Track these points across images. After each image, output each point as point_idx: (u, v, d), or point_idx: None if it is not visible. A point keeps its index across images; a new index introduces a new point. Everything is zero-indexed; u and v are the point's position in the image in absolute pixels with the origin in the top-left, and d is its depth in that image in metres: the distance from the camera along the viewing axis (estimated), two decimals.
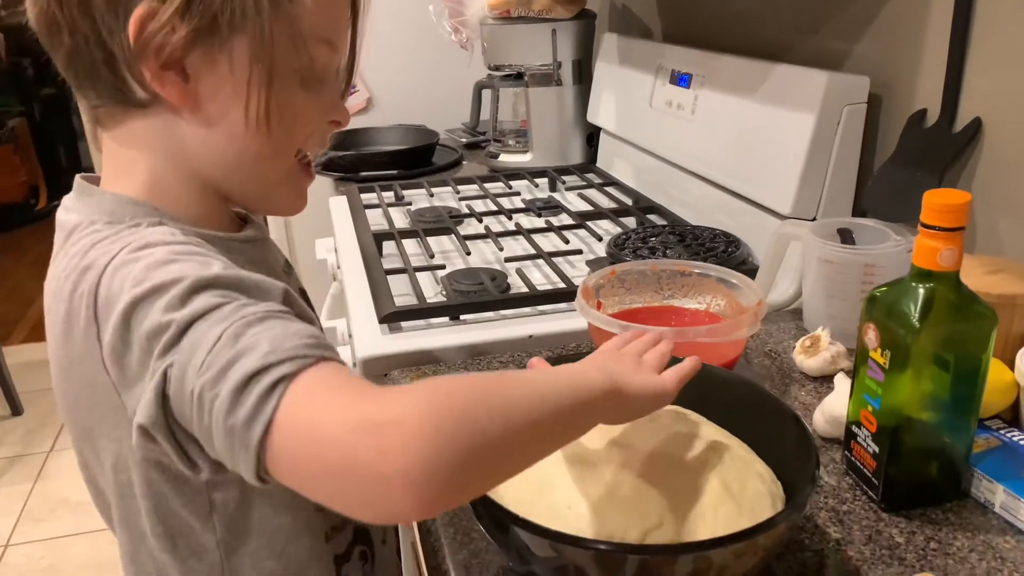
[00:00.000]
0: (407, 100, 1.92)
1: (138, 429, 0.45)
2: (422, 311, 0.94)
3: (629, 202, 1.35)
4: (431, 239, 1.19)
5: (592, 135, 1.62)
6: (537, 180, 1.51)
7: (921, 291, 0.59)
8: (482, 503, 0.50)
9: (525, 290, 0.99)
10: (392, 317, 0.92)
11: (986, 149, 0.84)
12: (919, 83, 0.92)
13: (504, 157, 1.64)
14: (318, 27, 0.54)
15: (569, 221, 1.25)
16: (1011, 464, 0.63)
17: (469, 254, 1.12)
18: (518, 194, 1.44)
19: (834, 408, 0.70)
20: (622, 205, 1.34)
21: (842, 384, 0.72)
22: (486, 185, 1.46)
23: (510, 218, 1.27)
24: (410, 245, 1.16)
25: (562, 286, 1.00)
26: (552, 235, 1.20)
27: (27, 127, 4.12)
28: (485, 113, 1.72)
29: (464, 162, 1.70)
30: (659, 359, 0.56)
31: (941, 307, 0.58)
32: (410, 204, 1.38)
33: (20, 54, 3.94)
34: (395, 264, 1.07)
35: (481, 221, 1.26)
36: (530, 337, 0.90)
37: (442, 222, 1.25)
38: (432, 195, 1.43)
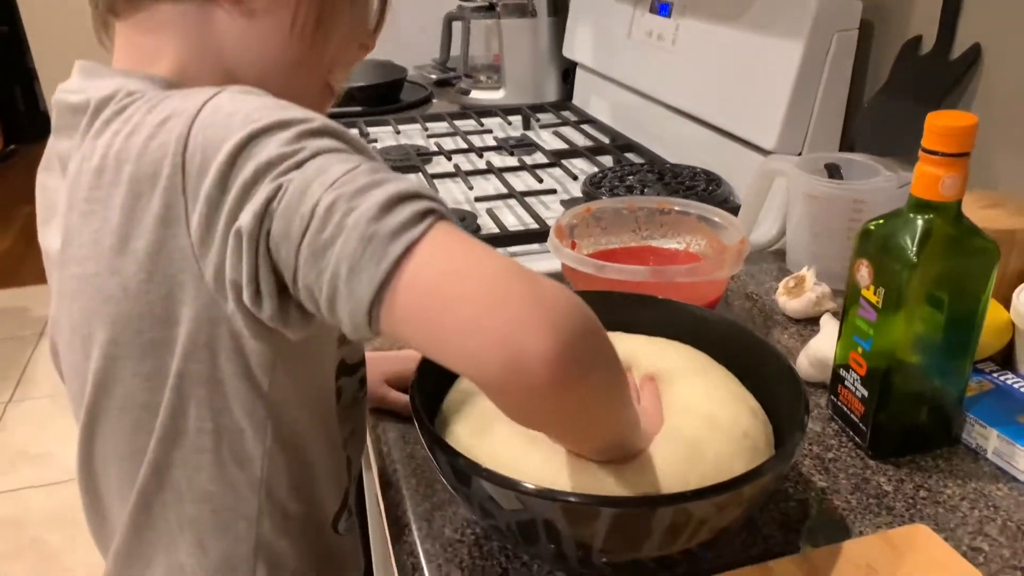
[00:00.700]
0: None
1: (235, 234, 0.40)
2: None
3: (606, 140, 1.30)
4: None
5: (568, 71, 1.55)
6: (510, 118, 1.44)
7: (919, 223, 0.54)
8: (442, 451, 0.45)
9: (496, 231, 0.94)
10: None
11: (985, 77, 0.79)
12: (914, 7, 0.86)
13: (476, 94, 1.57)
14: None
15: (543, 160, 1.20)
16: (1004, 408, 0.60)
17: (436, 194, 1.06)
18: (490, 132, 1.38)
19: (820, 350, 0.66)
20: (598, 143, 1.29)
21: (829, 326, 0.68)
22: (456, 123, 1.40)
23: (481, 156, 1.22)
24: None
25: (535, 227, 0.95)
26: (525, 174, 1.14)
27: None
28: (456, 48, 1.64)
29: (434, 100, 1.63)
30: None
31: (941, 241, 0.54)
32: (375, 142, 1.32)
33: None
34: None
35: (450, 159, 1.20)
36: None
37: (408, 160, 1.19)
38: (399, 132, 1.37)
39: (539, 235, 0.93)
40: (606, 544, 0.44)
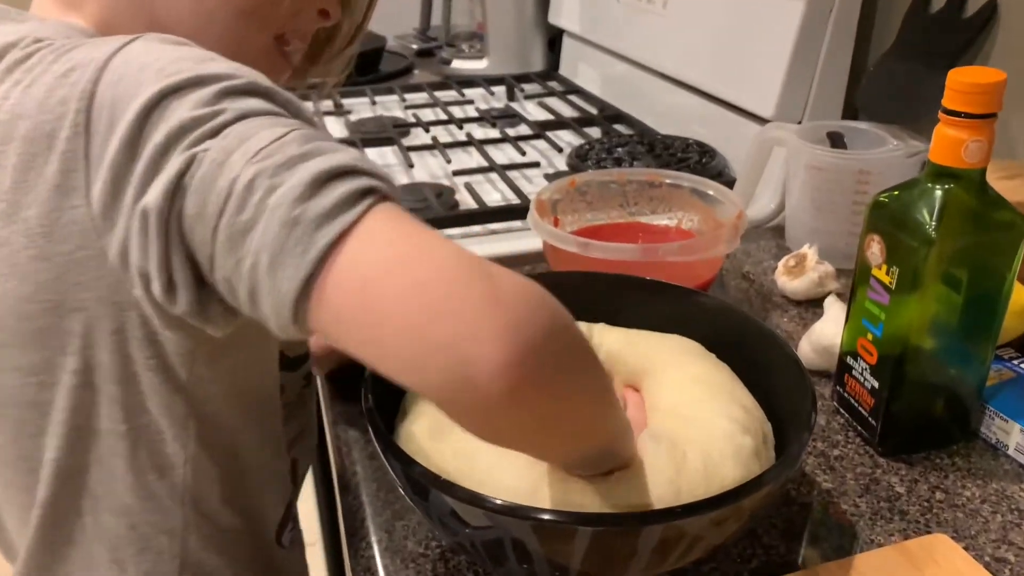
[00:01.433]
0: None
1: (141, 214, 0.34)
2: None
3: (594, 111, 1.23)
4: (370, 150, 1.08)
5: (554, 39, 1.48)
6: (493, 88, 1.37)
7: (939, 194, 0.48)
8: (399, 462, 0.40)
9: (475, 206, 0.88)
10: None
11: (1001, 36, 0.73)
12: None
13: (457, 64, 1.50)
14: None
15: (527, 131, 1.13)
16: None
17: (412, 167, 1.00)
18: (472, 103, 1.31)
19: (824, 336, 0.60)
20: (586, 114, 1.22)
21: (834, 308, 0.62)
22: (437, 94, 1.33)
23: (461, 127, 1.15)
24: None
25: (516, 202, 0.89)
26: (507, 146, 1.08)
27: None
28: (437, 17, 1.56)
29: (415, 71, 1.55)
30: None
31: (962, 214, 0.48)
32: (349, 113, 1.25)
33: None
34: None
35: (428, 131, 1.13)
36: None
37: (385, 132, 1.12)
38: (375, 104, 1.29)
39: (520, 211, 0.86)
40: (585, 566, 0.38)
